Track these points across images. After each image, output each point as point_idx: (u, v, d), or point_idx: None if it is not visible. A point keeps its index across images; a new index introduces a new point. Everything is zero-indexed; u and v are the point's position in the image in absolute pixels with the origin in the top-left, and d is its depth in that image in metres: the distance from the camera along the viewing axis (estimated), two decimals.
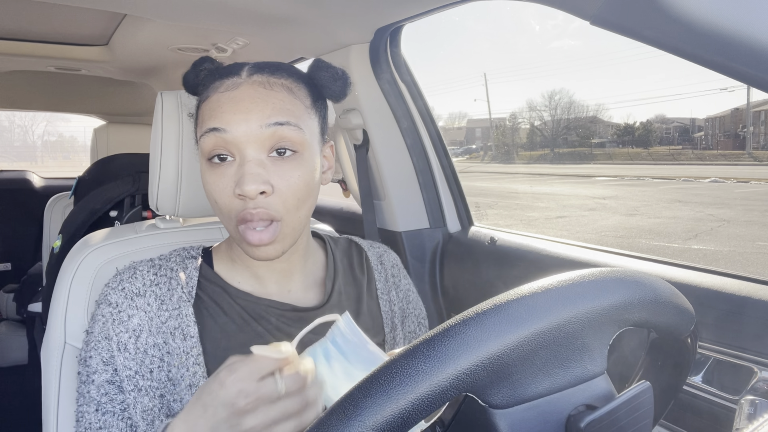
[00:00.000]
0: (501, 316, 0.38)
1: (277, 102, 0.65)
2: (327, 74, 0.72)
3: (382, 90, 1.43)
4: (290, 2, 1.18)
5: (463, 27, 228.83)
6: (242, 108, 0.64)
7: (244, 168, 0.63)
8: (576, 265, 1.10)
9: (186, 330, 0.68)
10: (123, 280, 0.70)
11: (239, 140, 0.64)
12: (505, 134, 49.66)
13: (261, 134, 0.64)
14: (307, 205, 0.69)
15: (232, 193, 0.64)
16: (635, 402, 0.45)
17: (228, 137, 0.64)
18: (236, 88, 0.66)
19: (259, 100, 0.65)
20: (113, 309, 0.68)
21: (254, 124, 0.64)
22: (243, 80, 0.67)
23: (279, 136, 0.64)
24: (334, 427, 0.34)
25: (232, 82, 0.67)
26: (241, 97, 0.65)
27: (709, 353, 0.85)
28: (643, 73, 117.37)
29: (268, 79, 0.67)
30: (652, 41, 0.64)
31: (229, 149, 0.65)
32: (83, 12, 1.61)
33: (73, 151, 54.45)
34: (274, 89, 0.66)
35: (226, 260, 0.76)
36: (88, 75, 2.32)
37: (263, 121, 0.64)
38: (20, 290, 2.38)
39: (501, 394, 0.41)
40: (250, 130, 0.64)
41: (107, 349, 0.67)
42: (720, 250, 7.09)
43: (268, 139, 0.64)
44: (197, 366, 0.66)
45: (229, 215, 0.66)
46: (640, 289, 0.45)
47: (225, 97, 0.66)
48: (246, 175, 0.63)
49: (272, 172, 0.64)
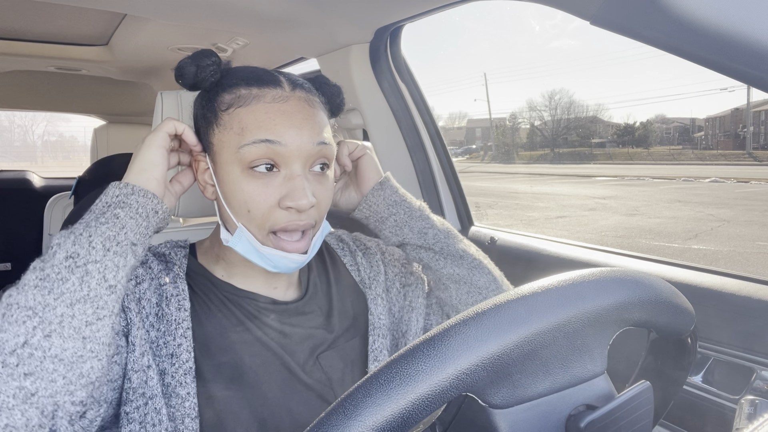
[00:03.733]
0: (501, 316, 0.38)
1: (320, 121, 0.70)
2: (333, 90, 0.76)
3: (382, 90, 1.43)
4: (290, 2, 1.18)
5: (463, 27, 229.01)
6: (296, 123, 0.67)
7: (296, 182, 0.66)
8: (576, 265, 1.10)
9: (182, 303, 0.68)
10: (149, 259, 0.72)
11: (292, 154, 0.66)
12: (505, 134, 49.67)
13: (310, 151, 0.67)
14: None
15: (275, 203, 0.66)
16: (635, 402, 0.45)
17: (280, 150, 0.65)
18: (286, 102, 0.68)
19: (308, 117, 0.68)
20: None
21: (306, 140, 0.67)
22: (288, 94, 0.69)
23: (322, 155, 0.69)
24: (334, 427, 0.34)
25: (279, 94, 0.68)
26: (292, 111, 0.67)
27: (709, 353, 0.85)
28: (643, 73, 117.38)
29: (308, 96, 0.71)
30: (652, 41, 0.64)
31: (276, 161, 0.66)
32: (83, 12, 1.61)
33: (73, 151, 54.46)
34: (315, 107, 0.70)
35: (210, 256, 0.77)
36: (88, 75, 2.32)
37: (313, 138, 0.67)
38: None
39: (501, 394, 0.41)
40: (302, 145, 0.66)
41: None
42: (720, 250, 7.09)
43: (314, 156, 0.68)
44: (183, 338, 0.66)
45: (262, 225, 0.67)
46: (640, 289, 0.45)
47: (275, 108, 0.67)
48: (298, 190, 0.65)
49: (314, 185, 0.68)
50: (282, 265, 0.69)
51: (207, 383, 0.66)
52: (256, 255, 0.68)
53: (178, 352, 0.66)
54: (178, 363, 0.65)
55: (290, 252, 0.68)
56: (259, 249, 0.68)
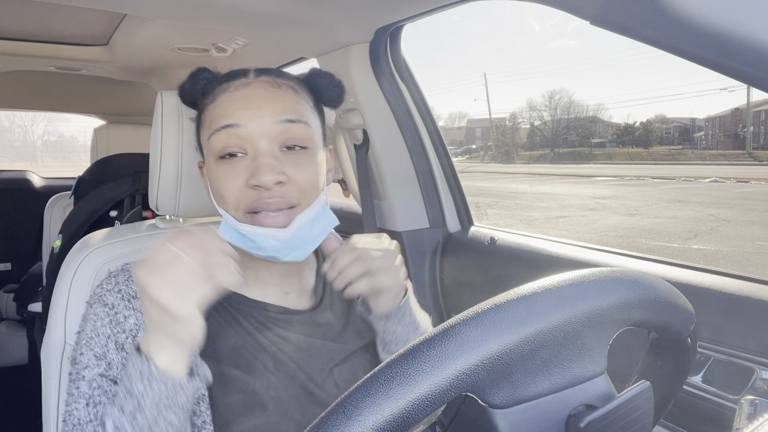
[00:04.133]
0: (501, 316, 0.38)
1: (286, 100, 0.68)
2: (324, 81, 0.75)
3: (382, 90, 1.43)
4: (290, 2, 1.18)
5: (463, 27, 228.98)
6: (254, 104, 0.67)
7: (259, 160, 0.65)
8: (576, 265, 1.10)
9: None
10: (119, 282, 0.70)
11: (253, 134, 0.66)
12: (505, 134, 49.67)
13: (273, 129, 0.66)
14: (320, 194, 0.71)
15: (243, 185, 0.65)
16: (635, 402, 0.45)
17: (242, 132, 0.66)
18: (246, 87, 0.68)
19: (270, 97, 0.67)
20: (109, 309, 0.68)
21: (267, 120, 0.66)
22: (251, 80, 0.69)
23: (290, 133, 0.67)
24: (334, 427, 0.34)
25: (241, 82, 0.69)
26: (252, 94, 0.67)
27: (709, 353, 0.85)
28: (643, 73, 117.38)
29: (275, 80, 0.70)
30: (652, 41, 0.64)
31: (241, 145, 0.66)
32: (83, 12, 1.61)
33: (73, 151, 54.43)
34: (282, 89, 0.69)
35: None
36: (88, 75, 2.32)
37: (275, 117, 0.66)
38: (20, 290, 2.38)
39: (501, 394, 0.41)
40: (263, 125, 0.66)
41: (100, 345, 0.66)
42: (720, 250, 7.09)
43: (280, 135, 0.67)
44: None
45: (237, 207, 0.67)
46: (640, 289, 0.45)
47: (236, 95, 0.68)
48: (262, 167, 0.64)
49: (285, 163, 0.66)
50: (266, 245, 0.67)
51: (219, 397, 0.66)
52: (239, 238, 0.67)
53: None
54: None
55: (268, 226, 0.66)
56: (240, 229, 0.67)
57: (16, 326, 2.57)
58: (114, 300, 0.68)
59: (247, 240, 0.67)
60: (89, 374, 0.66)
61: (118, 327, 0.67)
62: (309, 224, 0.69)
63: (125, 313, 0.68)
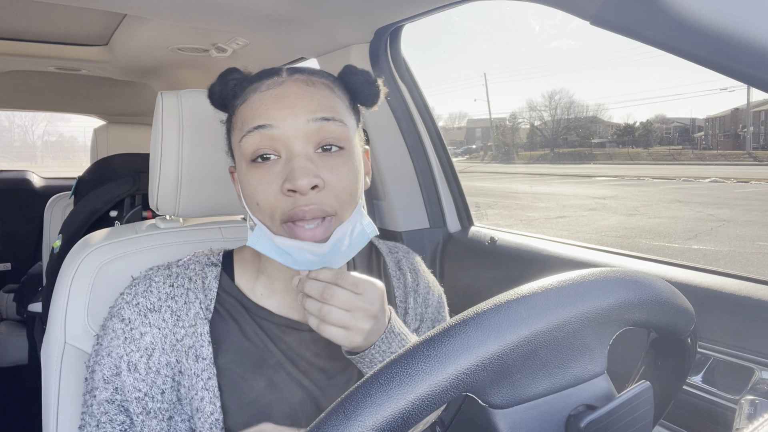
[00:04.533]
0: (501, 316, 0.38)
1: (321, 98, 0.64)
2: (360, 78, 0.70)
3: None
4: (290, 2, 1.18)
5: (463, 27, 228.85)
6: (288, 103, 0.63)
7: (293, 163, 0.61)
8: (576, 265, 1.10)
9: (200, 351, 0.65)
10: (138, 293, 0.68)
11: (286, 135, 0.62)
12: (505, 134, 49.66)
13: (308, 129, 0.62)
14: (358, 202, 0.66)
15: (278, 191, 0.61)
16: (635, 402, 0.45)
17: (275, 133, 0.62)
18: (279, 86, 0.65)
19: (304, 95, 0.64)
20: (125, 326, 0.66)
21: (301, 119, 0.62)
22: (284, 78, 0.65)
23: (325, 132, 0.63)
24: (334, 427, 0.34)
25: (273, 81, 0.65)
26: (285, 93, 0.64)
27: (709, 353, 0.85)
28: (643, 73, 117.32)
29: (309, 78, 0.66)
30: (652, 41, 0.64)
31: (274, 147, 0.63)
32: (83, 12, 1.61)
33: (73, 151, 54.36)
34: (317, 87, 0.65)
35: (250, 270, 0.73)
36: (88, 75, 2.32)
37: (309, 115, 0.62)
38: (20, 290, 2.38)
39: (501, 394, 0.41)
40: (297, 125, 0.62)
41: (110, 367, 0.66)
42: (720, 250, 7.09)
43: (315, 135, 0.63)
44: (205, 391, 0.64)
45: (273, 215, 0.63)
46: (640, 289, 0.45)
47: (268, 95, 0.64)
48: (296, 170, 0.60)
49: (321, 166, 0.62)
50: (302, 259, 0.63)
51: (232, 412, 0.65)
52: (274, 249, 0.64)
53: (201, 406, 0.64)
54: (203, 417, 0.63)
55: (304, 239, 0.61)
56: (274, 240, 0.63)
57: (16, 326, 2.57)
58: (131, 314, 0.67)
59: (283, 253, 0.64)
60: (99, 396, 0.65)
61: (133, 345, 0.66)
62: (348, 236, 0.65)
63: (141, 330, 0.66)
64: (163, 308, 0.67)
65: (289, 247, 0.62)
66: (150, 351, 0.65)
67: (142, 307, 0.67)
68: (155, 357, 0.66)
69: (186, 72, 2.11)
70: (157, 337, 0.66)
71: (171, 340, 0.66)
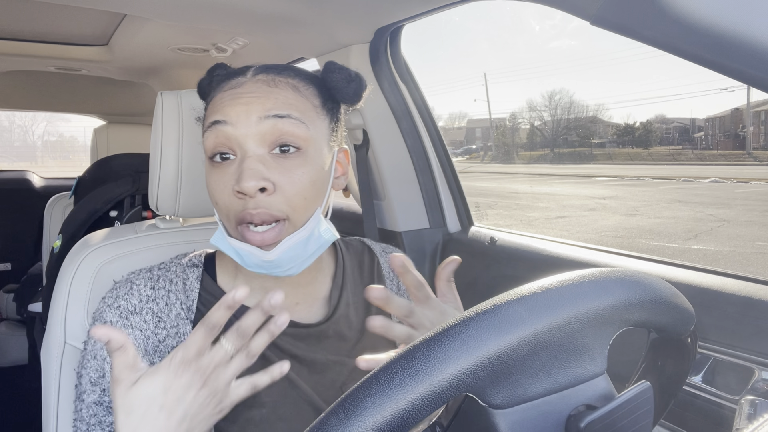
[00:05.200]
0: (501, 316, 0.38)
1: (280, 97, 0.64)
2: (339, 76, 0.69)
3: (382, 90, 1.43)
4: (290, 2, 1.18)
5: (463, 27, 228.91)
6: (243, 101, 0.63)
7: (243, 164, 0.61)
8: (576, 265, 1.10)
9: None
10: (119, 296, 0.68)
11: (240, 133, 0.62)
12: (505, 134, 49.66)
13: (261, 127, 0.62)
14: (316, 207, 0.65)
15: (231, 191, 0.62)
16: (635, 402, 0.45)
17: (228, 130, 0.62)
18: (240, 86, 0.65)
19: (261, 94, 0.64)
20: None
21: (254, 117, 0.62)
22: (247, 79, 0.66)
23: (280, 131, 0.62)
24: (334, 427, 0.34)
25: (237, 81, 0.66)
26: (242, 92, 0.64)
27: (709, 353, 0.85)
28: (643, 73, 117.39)
29: (273, 78, 0.66)
30: (652, 41, 0.64)
31: (230, 146, 0.63)
32: (83, 12, 1.61)
33: (73, 151, 54.37)
34: (279, 86, 0.65)
35: (231, 269, 0.73)
36: (88, 75, 2.32)
37: (263, 113, 0.62)
38: (20, 290, 2.38)
39: (501, 394, 0.41)
40: (249, 123, 0.62)
41: (96, 369, 0.66)
42: (720, 250, 7.09)
43: (269, 134, 0.62)
44: None
45: (228, 215, 0.63)
46: (640, 289, 0.45)
47: (228, 93, 0.65)
48: (244, 171, 0.60)
49: (273, 168, 0.62)
50: (250, 262, 0.63)
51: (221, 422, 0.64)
52: (231, 249, 0.64)
53: None
54: None
55: (253, 243, 0.61)
56: (229, 241, 0.64)
57: (16, 326, 2.57)
58: (112, 317, 0.67)
59: (237, 253, 0.64)
60: (87, 399, 0.65)
61: None
62: (302, 244, 0.64)
63: (123, 332, 0.66)
64: (144, 310, 0.67)
65: (240, 250, 0.63)
66: None
67: (123, 309, 0.67)
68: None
69: (186, 72, 2.11)
70: (140, 339, 0.66)
71: (153, 341, 0.66)
